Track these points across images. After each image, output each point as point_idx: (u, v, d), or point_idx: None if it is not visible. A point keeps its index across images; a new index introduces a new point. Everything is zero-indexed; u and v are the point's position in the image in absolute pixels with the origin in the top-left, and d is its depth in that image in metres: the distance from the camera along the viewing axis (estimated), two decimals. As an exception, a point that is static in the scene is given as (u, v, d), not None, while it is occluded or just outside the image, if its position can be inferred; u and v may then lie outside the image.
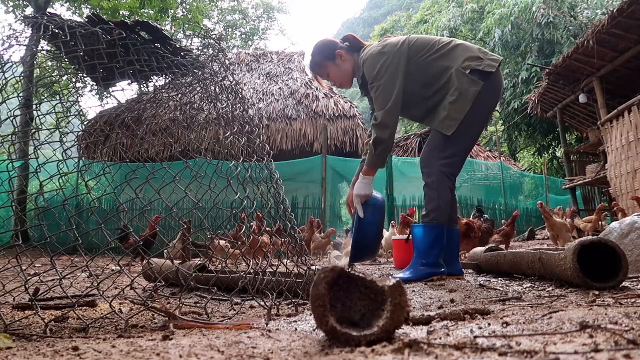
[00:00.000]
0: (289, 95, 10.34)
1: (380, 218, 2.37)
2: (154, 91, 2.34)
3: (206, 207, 1.82)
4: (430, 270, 2.29)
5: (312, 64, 2.59)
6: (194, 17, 14.87)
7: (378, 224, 2.32)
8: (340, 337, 0.80)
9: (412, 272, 2.30)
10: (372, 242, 2.29)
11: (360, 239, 2.24)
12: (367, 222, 2.29)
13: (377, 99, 2.30)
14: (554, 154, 16.61)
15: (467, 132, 2.31)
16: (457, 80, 2.25)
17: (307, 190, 8.80)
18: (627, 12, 6.08)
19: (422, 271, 2.29)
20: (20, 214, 1.75)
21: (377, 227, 2.29)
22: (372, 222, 2.27)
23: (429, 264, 2.30)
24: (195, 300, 1.80)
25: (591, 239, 1.64)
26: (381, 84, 2.27)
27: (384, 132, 2.28)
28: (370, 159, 2.36)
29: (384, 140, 2.29)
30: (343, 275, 0.89)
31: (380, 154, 2.33)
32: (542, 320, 0.96)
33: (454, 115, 2.25)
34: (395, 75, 2.28)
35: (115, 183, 1.92)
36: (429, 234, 2.32)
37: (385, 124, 2.27)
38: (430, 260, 2.31)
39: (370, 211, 2.30)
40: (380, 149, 2.31)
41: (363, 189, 2.39)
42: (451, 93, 2.27)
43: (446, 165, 2.30)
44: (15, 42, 1.71)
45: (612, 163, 6.53)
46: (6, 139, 1.60)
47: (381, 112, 2.26)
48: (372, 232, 2.27)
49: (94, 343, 0.94)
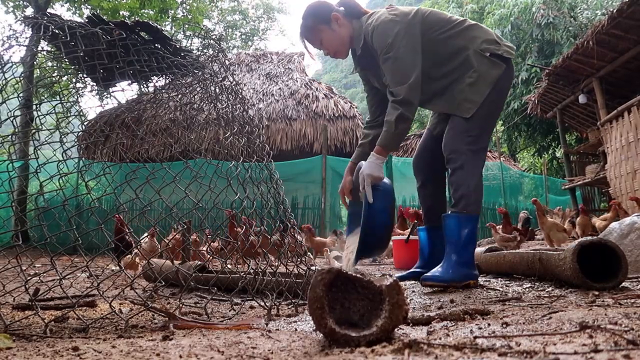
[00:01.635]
0: (288, 96, 10.34)
1: (391, 203, 2.07)
2: (153, 91, 2.34)
3: (206, 207, 1.82)
4: (468, 271, 1.98)
5: (303, 29, 2.24)
6: (194, 18, 14.87)
7: (388, 211, 2.02)
8: (339, 338, 0.80)
9: (451, 272, 1.96)
10: (382, 232, 2.01)
11: (369, 229, 1.95)
12: (377, 208, 1.98)
13: (394, 71, 2.02)
14: (554, 154, 16.61)
15: (486, 116, 2.11)
16: (476, 62, 2.07)
17: (306, 190, 8.80)
18: (627, 12, 6.08)
19: (461, 272, 1.96)
20: (20, 214, 1.75)
21: (387, 215, 2.00)
22: (382, 209, 1.99)
23: (466, 263, 1.99)
24: (195, 300, 1.80)
25: (591, 239, 1.64)
26: (398, 56, 2.01)
27: (408, 108, 2.00)
28: (388, 137, 2.03)
29: (407, 117, 2.02)
30: (340, 276, 0.88)
31: (401, 132, 2.04)
32: (541, 321, 0.96)
33: (472, 98, 2.05)
34: (415, 47, 2.04)
35: (115, 183, 1.92)
36: (464, 226, 2.01)
37: (409, 100, 1.99)
38: (467, 258, 2.00)
39: (380, 196, 2.00)
40: (402, 127, 2.02)
41: (375, 169, 2.00)
42: (469, 75, 2.07)
43: (474, 143, 2.07)
44: (15, 42, 1.71)
45: (611, 163, 6.54)
46: (6, 139, 1.60)
47: (403, 87, 1.99)
48: (382, 220, 2.00)
49: (93, 343, 0.94)
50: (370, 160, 2.03)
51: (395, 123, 2.01)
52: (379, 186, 2.01)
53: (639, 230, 2.13)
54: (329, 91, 10.59)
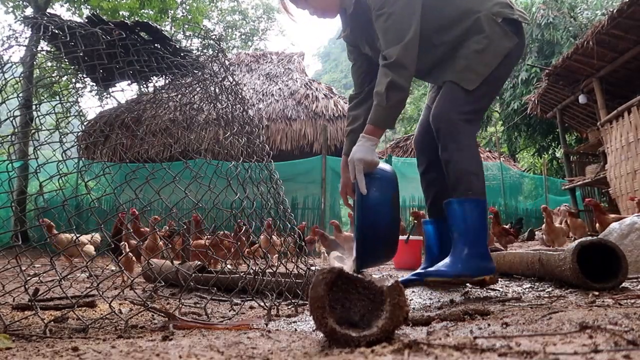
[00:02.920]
0: (288, 96, 10.34)
1: (393, 193, 1.65)
2: (153, 91, 2.34)
3: (206, 208, 1.82)
4: (482, 264, 1.65)
5: None
6: (194, 18, 14.88)
7: (390, 204, 1.60)
8: (339, 338, 0.80)
9: (460, 265, 1.63)
10: (385, 231, 1.58)
11: (368, 230, 1.55)
12: (373, 202, 1.58)
13: (387, 30, 1.74)
14: (554, 154, 16.62)
15: (488, 92, 1.83)
16: (487, 27, 1.78)
17: (306, 190, 8.81)
18: (627, 12, 6.08)
19: (472, 264, 1.63)
20: (19, 215, 1.75)
21: (389, 209, 1.59)
22: (381, 202, 1.59)
23: (480, 254, 1.66)
24: (195, 300, 1.80)
25: (591, 240, 1.64)
26: (393, 11, 1.72)
27: (400, 73, 1.67)
28: (379, 112, 1.70)
29: (400, 85, 1.67)
30: (342, 276, 0.89)
31: (395, 105, 1.69)
32: (541, 321, 0.96)
33: (478, 68, 1.76)
34: (413, 3, 1.75)
35: (115, 183, 1.92)
36: (471, 211, 1.69)
37: (401, 62, 1.67)
38: (480, 248, 1.67)
39: (378, 185, 1.61)
40: (395, 97, 1.67)
41: (367, 152, 1.66)
42: (477, 40, 1.78)
43: (468, 122, 1.77)
44: (14, 42, 1.71)
45: (611, 163, 6.54)
46: (6, 139, 1.60)
47: (396, 48, 1.68)
48: (384, 215, 1.57)
49: (93, 343, 0.94)
50: (360, 143, 1.69)
51: (386, 93, 1.67)
52: (376, 174, 1.65)
53: (639, 230, 2.13)
54: (329, 91, 10.60)
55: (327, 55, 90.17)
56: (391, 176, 1.72)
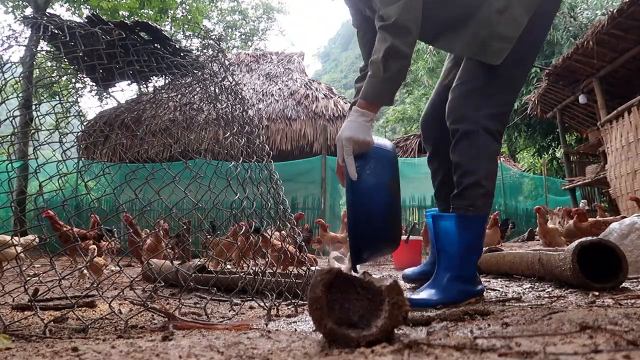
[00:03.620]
0: (288, 96, 10.34)
1: (391, 176, 1.39)
2: (153, 91, 2.34)
3: (206, 208, 1.82)
4: (467, 288, 1.48)
5: None
6: (194, 18, 14.88)
7: (387, 190, 1.36)
8: (338, 338, 0.80)
9: (441, 292, 1.46)
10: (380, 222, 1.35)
11: (361, 218, 1.34)
12: (366, 187, 1.34)
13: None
14: (554, 154, 16.61)
15: (516, 64, 1.47)
16: None
17: (306, 190, 8.80)
18: (627, 12, 6.08)
19: (455, 289, 1.46)
20: (19, 215, 1.75)
21: (386, 195, 1.35)
22: (376, 186, 1.34)
23: (465, 277, 1.48)
24: (195, 300, 1.80)
25: (591, 240, 1.64)
26: None
27: (401, 37, 1.38)
28: (375, 84, 1.41)
29: (401, 52, 1.38)
30: (340, 276, 0.88)
31: (393, 75, 1.40)
32: (541, 321, 0.96)
33: (504, 32, 1.42)
34: None
35: (115, 183, 1.91)
36: (466, 230, 1.48)
37: (402, 24, 1.38)
38: (467, 271, 1.49)
39: (371, 169, 1.36)
40: (395, 66, 1.39)
41: (359, 129, 1.38)
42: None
43: (491, 117, 1.47)
44: (14, 42, 1.71)
45: (611, 164, 6.54)
46: (5, 140, 1.60)
47: (393, 7, 1.39)
48: (378, 203, 1.34)
49: (93, 343, 0.94)
50: (352, 118, 1.41)
51: (383, 61, 1.38)
52: (371, 154, 1.38)
53: (639, 230, 2.13)
54: (329, 91, 10.59)
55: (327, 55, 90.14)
56: (389, 155, 1.43)
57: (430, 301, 1.43)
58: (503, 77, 1.48)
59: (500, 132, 1.53)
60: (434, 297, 1.45)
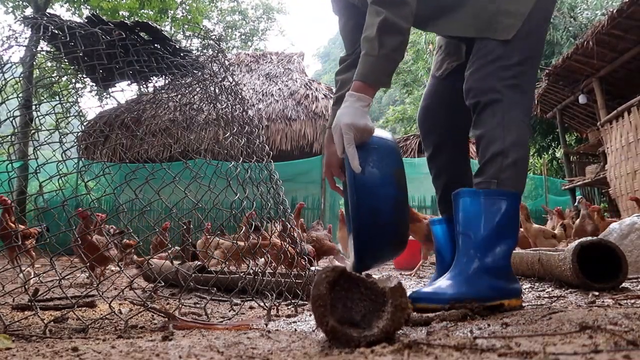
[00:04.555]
0: (288, 96, 10.34)
1: (396, 168, 1.22)
2: (153, 92, 2.34)
3: (206, 208, 1.82)
4: (499, 284, 1.22)
5: None
6: (194, 18, 14.88)
7: (394, 183, 1.19)
8: (340, 337, 0.80)
9: (466, 284, 1.20)
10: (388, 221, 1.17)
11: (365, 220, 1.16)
12: (371, 181, 1.18)
13: None
14: (554, 154, 16.62)
15: (531, 35, 1.36)
16: None
17: (306, 190, 8.81)
18: (627, 12, 6.08)
19: (485, 282, 1.20)
20: (19, 215, 1.75)
21: (393, 189, 1.19)
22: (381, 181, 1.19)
23: (494, 270, 1.22)
24: (195, 300, 1.80)
25: (590, 240, 1.64)
26: None
27: (397, 8, 1.26)
28: (370, 64, 1.26)
29: (397, 25, 1.25)
30: (344, 275, 0.89)
31: (390, 52, 1.25)
32: (541, 321, 0.96)
33: (511, 8, 1.33)
34: None
35: (115, 183, 1.92)
36: (491, 209, 1.24)
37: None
38: (496, 262, 1.23)
39: (375, 160, 1.20)
40: (391, 41, 1.25)
41: (358, 115, 1.21)
42: None
43: (515, 88, 1.32)
44: (14, 42, 1.71)
45: (611, 164, 6.54)
46: (5, 140, 1.60)
47: None
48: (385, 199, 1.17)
49: (93, 343, 0.94)
50: (347, 103, 1.24)
51: (378, 37, 1.23)
52: (371, 144, 1.23)
53: (639, 230, 2.13)
54: (329, 91, 10.59)
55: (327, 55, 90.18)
56: (392, 145, 1.27)
57: (444, 296, 1.18)
58: (519, 49, 1.34)
59: (526, 106, 1.37)
60: (454, 290, 1.19)
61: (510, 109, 1.30)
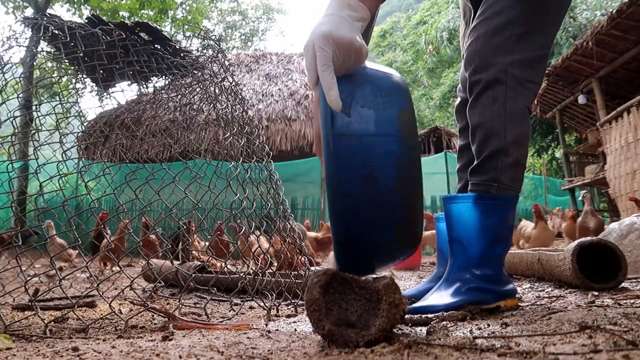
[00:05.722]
0: (288, 96, 10.34)
1: (400, 110, 0.81)
2: (153, 92, 2.34)
3: (205, 208, 1.82)
4: (496, 287, 1.17)
5: None
6: (194, 18, 14.88)
7: (399, 133, 0.79)
8: (338, 339, 0.80)
9: (457, 292, 1.16)
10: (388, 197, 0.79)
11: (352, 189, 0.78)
12: (359, 127, 0.78)
13: None
14: (553, 154, 16.62)
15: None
16: None
17: (306, 191, 8.81)
18: (626, 13, 6.08)
19: (478, 291, 1.15)
20: (19, 215, 1.75)
21: (396, 143, 0.79)
22: (376, 128, 0.79)
23: (490, 277, 1.16)
24: (195, 300, 1.80)
25: (590, 240, 1.64)
26: None
27: None
28: None
29: None
30: (337, 277, 0.88)
31: None
32: (541, 321, 0.96)
33: None
34: None
35: (115, 184, 1.92)
36: (489, 215, 1.14)
37: None
38: (491, 269, 1.16)
39: (368, 94, 0.81)
40: None
41: (342, 25, 0.84)
42: None
43: (523, 64, 1.15)
44: (14, 43, 1.71)
45: (611, 164, 6.54)
46: (6, 140, 1.60)
47: None
48: (384, 157, 0.77)
49: (93, 343, 0.94)
50: (330, 11, 0.88)
51: None
52: (363, 74, 0.84)
53: (639, 230, 2.13)
54: (329, 92, 10.59)
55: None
56: (397, 80, 0.86)
57: (438, 305, 1.13)
58: (534, 10, 1.14)
59: (535, 82, 1.21)
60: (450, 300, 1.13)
61: (515, 96, 1.15)
